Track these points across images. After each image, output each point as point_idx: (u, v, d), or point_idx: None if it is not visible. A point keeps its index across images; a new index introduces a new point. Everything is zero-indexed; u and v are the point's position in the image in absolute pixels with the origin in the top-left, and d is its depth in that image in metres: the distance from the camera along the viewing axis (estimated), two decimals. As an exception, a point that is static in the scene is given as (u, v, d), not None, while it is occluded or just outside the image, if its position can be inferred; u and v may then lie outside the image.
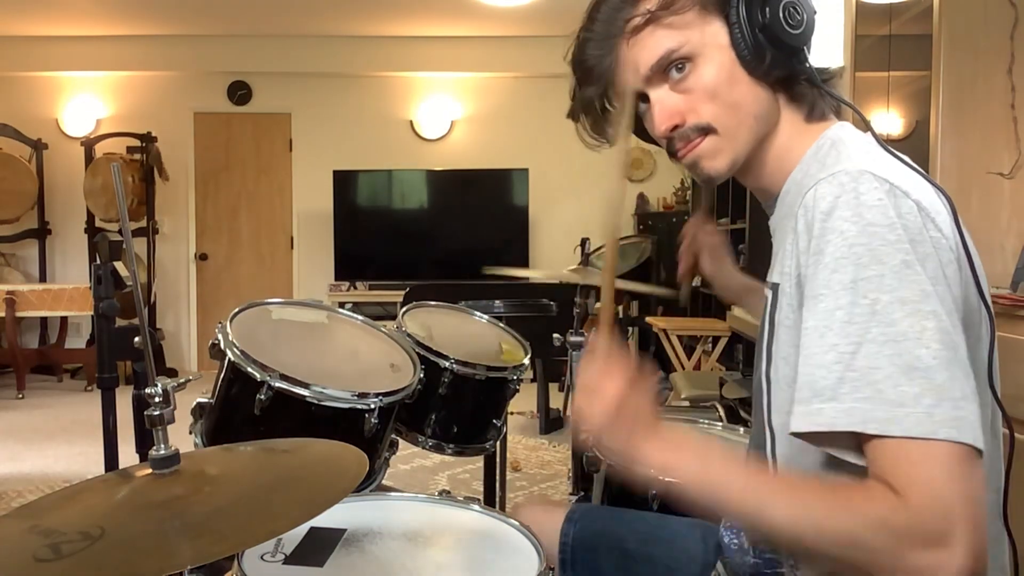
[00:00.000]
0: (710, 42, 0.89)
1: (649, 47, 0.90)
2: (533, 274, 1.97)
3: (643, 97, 0.94)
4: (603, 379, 0.84)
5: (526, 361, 1.86)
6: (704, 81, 0.89)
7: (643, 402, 0.85)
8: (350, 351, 1.63)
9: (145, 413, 0.87)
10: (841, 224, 0.78)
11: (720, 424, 1.73)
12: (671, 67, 0.90)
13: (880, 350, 0.74)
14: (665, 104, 0.92)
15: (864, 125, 0.92)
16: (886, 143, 0.89)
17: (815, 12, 0.89)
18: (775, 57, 0.88)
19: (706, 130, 0.91)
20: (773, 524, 0.76)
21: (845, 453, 0.77)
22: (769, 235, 1.03)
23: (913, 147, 2.88)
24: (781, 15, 0.87)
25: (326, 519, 1.09)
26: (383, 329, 1.71)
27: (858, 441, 0.76)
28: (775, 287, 0.89)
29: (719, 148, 0.92)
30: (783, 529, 0.75)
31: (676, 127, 0.92)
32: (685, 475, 0.81)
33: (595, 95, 0.98)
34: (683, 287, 1.48)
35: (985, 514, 0.72)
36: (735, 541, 1.02)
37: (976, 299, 0.85)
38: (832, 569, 0.83)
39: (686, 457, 0.82)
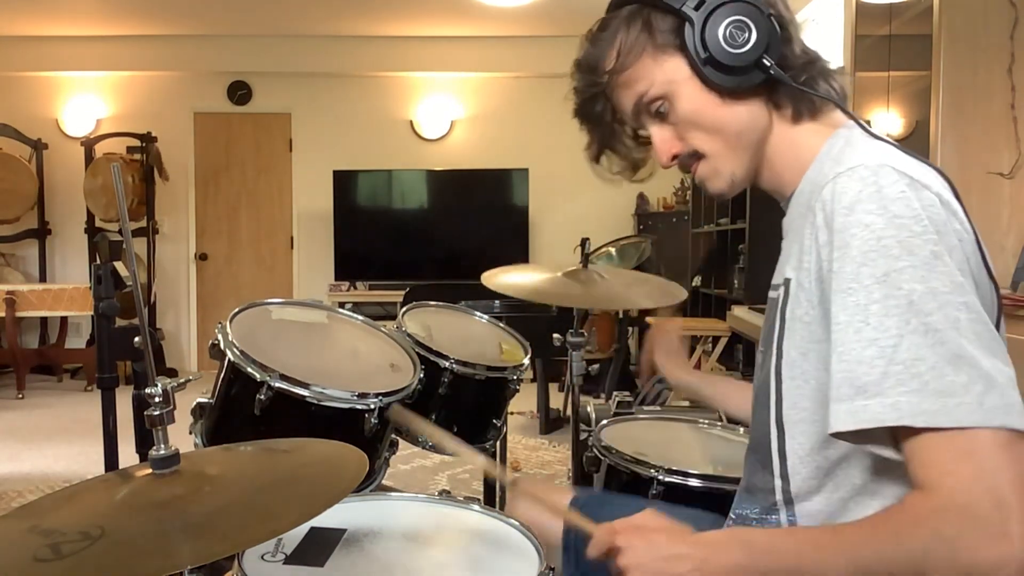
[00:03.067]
0: (674, 78, 0.93)
1: (623, 98, 0.98)
2: (529, 282, 1.97)
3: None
4: (613, 530, 0.85)
5: (526, 361, 1.86)
6: (682, 114, 0.94)
7: (656, 524, 0.84)
8: (350, 351, 1.63)
9: (145, 413, 0.87)
10: (866, 217, 0.78)
11: (720, 424, 1.72)
12: (652, 106, 0.96)
13: (923, 341, 0.73)
14: (660, 139, 0.98)
15: (852, 119, 0.93)
16: (888, 139, 0.90)
17: (768, 14, 0.90)
18: (734, 76, 0.90)
19: (698, 155, 0.97)
20: None
21: (883, 449, 0.76)
22: (773, 235, 1.03)
23: (913, 147, 2.87)
24: (723, 40, 0.89)
25: (326, 519, 1.09)
26: (383, 329, 1.71)
27: (895, 436, 0.75)
28: (787, 283, 0.89)
29: (714, 168, 0.97)
30: None
31: (675, 156, 0.98)
32: (732, 567, 0.79)
33: (607, 136, 1.06)
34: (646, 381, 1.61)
35: None
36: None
37: (990, 290, 0.85)
38: None
39: (727, 549, 0.80)
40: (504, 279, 1.95)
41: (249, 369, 1.36)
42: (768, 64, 0.90)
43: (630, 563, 0.82)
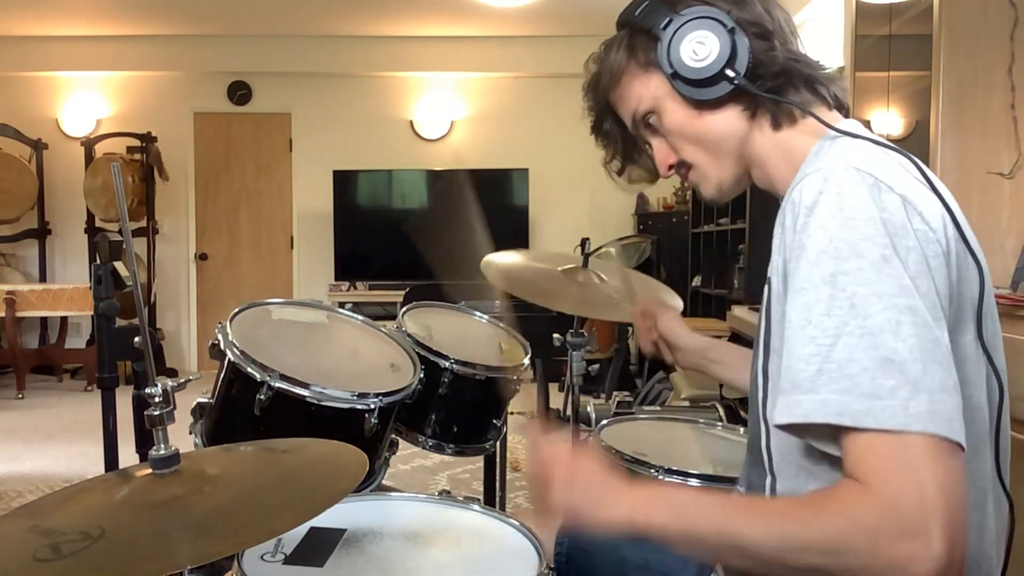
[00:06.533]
0: (657, 94, 1.00)
1: (622, 112, 1.06)
2: (529, 278, 1.97)
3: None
4: (550, 462, 0.89)
5: (526, 361, 1.86)
6: (668, 126, 1.01)
7: (593, 468, 0.87)
8: (350, 351, 1.63)
9: (145, 413, 0.87)
10: (822, 219, 0.80)
11: (720, 424, 1.72)
12: (646, 120, 1.03)
13: (857, 343, 0.75)
14: (658, 150, 1.05)
15: (821, 123, 0.94)
16: (878, 137, 0.91)
17: (730, 28, 0.93)
18: (701, 88, 0.96)
19: (688, 164, 1.03)
20: (754, 552, 0.76)
21: (827, 445, 0.78)
22: (773, 235, 1.04)
23: (913, 147, 2.88)
24: (686, 55, 0.95)
25: (326, 519, 1.09)
26: (383, 329, 1.71)
27: (835, 432, 0.76)
28: (769, 282, 0.91)
29: (702, 176, 1.03)
30: (765, 554, 0.75)
31: (671, 166, 1.05)
32: (658, 524, 0.81)
33: (626, 149, 1.12)
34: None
35: (964, 504, 0.72)
36: None
37: (973, 274, 0.85)
38: None
39: (656, 506, 0.82)
40: (503, 262, 1.94)
41: (249, 369, 1.36)
42: (732, 75, 0.93)
43: (562, 500, 0.86)
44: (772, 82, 0.95)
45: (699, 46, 0.94)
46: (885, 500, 0.71)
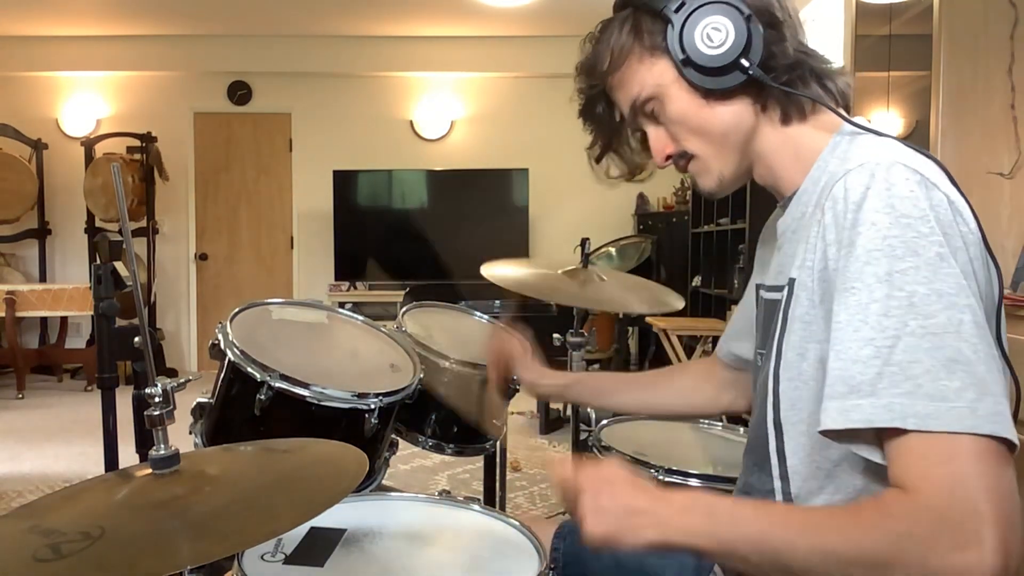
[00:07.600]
0: (662, 80, 0.95)
1: (619, 99, 1.01)
2: (528, 278, 1.97)
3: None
4: (586, 480, 0.83)
5: (526, 361, 1.85)
6: (670, 115, 0.96)
7: (631, 482, 0.82)
8: (350, 351, 1.63)
9: (145, 413, 0.87)
10: (873, 215, 0.77)
11: (720, 424, 1.72)
12: (646, 108, 0.98)
13: (919, 343, 0.72)
14: (655, 138, 1.00)
15: (841, 118, 0.93)
16: (892, 136, 0.90)
17: (747, 16, 0.90)
18: (713, 77, 0.92)
19: (688, 155, 0.99)
20: (794, 566, 0.73)
21: (868, 451, 0.76)
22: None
23: (913, 147, 2.89)
24: (700, 41, 0.91)
25: (326, 519, 1.09)
26: (383, 329, 1.71)
27: (880, 437, 0.74)
28: (791, 283, 0.88)
29: (703, 168, 0.99)
30: (805, 569, 0.72)
31: (669, 156, 1.00)
32: (692, 539, 0.77)
33: (610, 137, 1.08)
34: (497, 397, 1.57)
35: (1020, 511, 0.69)
36: None
37: (994, 281, 0.84)
38: None
39: (688, 520, 0.78)
40: (503, 272, 1.94)
41: (249, 369, 1.36)
42: (746, 65, 0.90)
43: (590, 507, 0.81)
44: (785, 75, 0.92)
45: (714, 32, 0.90)
46: (936, 509, 0.68)
